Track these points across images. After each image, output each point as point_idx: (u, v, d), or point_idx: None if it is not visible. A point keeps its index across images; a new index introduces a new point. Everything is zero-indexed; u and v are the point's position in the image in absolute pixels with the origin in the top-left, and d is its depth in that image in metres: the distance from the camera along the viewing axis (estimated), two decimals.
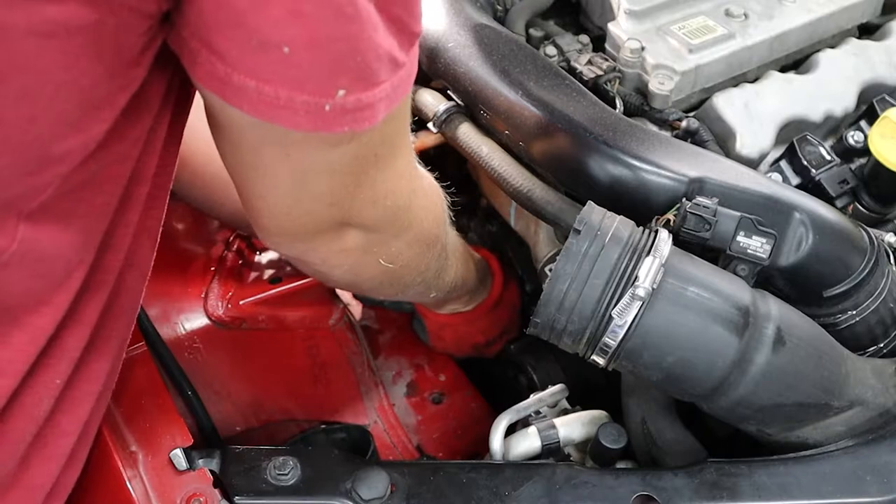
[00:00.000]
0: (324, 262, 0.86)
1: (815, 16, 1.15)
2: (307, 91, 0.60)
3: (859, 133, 1.09)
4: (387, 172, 0.77)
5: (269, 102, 0.60)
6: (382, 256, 0.86)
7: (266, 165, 0.71)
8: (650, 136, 0.95)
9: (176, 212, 1.27)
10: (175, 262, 1.26)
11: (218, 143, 0.73)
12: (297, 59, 0.58)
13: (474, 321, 1.23)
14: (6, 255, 0.63)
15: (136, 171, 0.69)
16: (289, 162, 0.70)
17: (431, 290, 1.04)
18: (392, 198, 0.80)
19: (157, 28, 0.60)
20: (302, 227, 0.79)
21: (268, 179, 0.73)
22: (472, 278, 1.17)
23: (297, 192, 0.74)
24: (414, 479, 0.84)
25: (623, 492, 0.82)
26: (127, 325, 0.80)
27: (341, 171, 0.73)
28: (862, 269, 0.90)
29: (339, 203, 0.76)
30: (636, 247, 0.80)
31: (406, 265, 0.91)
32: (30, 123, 0.58)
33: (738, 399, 0.81)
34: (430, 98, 1.16)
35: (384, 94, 0.64)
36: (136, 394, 0.91)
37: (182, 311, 1.18)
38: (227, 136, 0.71)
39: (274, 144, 0.68)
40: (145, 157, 0.69)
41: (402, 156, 0.80)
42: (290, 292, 1.28)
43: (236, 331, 1.19)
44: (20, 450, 0.72)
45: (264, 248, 1.29)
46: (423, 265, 0.95)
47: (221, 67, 0.59)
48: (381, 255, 0.86)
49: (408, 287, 0.98)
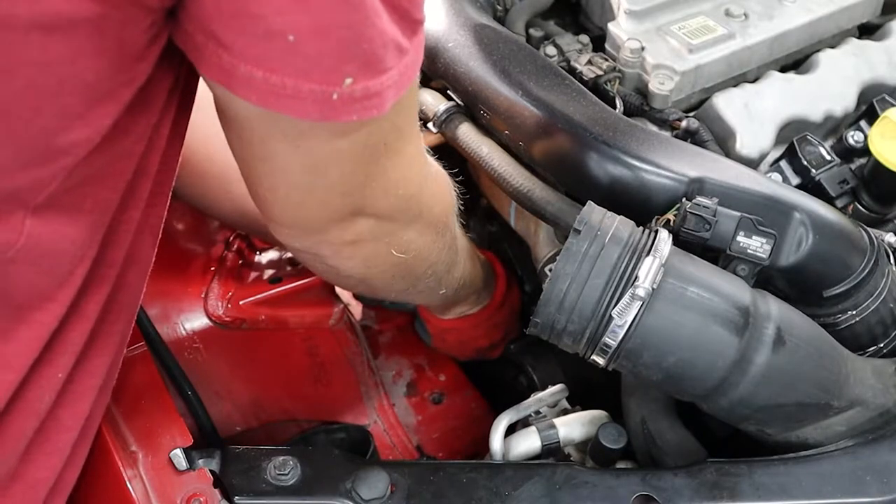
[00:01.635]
0: (336, 253, 0.85)
1: (815, 16, 1.15)
2: (314, 80, 0.60)
3: (859, 133, 1.09)
4: (397, 161, 0.77)
5: (276, 92, 0.60)
6: (394, 246, 0.86)
7: (276, 157, 0.71)
8: (650, 136, 0.95)
9: (176, 211, 1.27)
10: (175, 262, 1.26)
11: (228, 136, 0.73)
12: (302, 47, 0.58)
13: (478, 325, 1.23)
14: (13, 251, 0.63)
15: (139, 167, 0.69)
16: (298, 153, 0.70)
17: (441, 285, 1.03)
18: (403, 186, 0.80)
19: (162, 24, 0.60)
20: (314, 218, 0.79)
21: (278, 171, 0.73)
22: (479, 277, 1.16)
23: (308, 183, 0.74)
24: (414, 479, 0.84)
25: (623, 492, 0.82)
26: (127, 321, 0.80)
27: (352, 161, 0.73)
28: (862, 269, 0.90)
29: (350, 193, 0.76)
30: (636, 247, 0.80)
31: (418, 255, 0.90)
32: (35, 115, 0.58)
33: (738, 399, 0.81)
34: (430, 98, 1.16)
35: (392, 82, 0.64)
36: (136, 394, 0.91)
37: (182, 311, 1.18)
38: (236, 130, 0.71)
39: (283, 135, 0.68)
40: (149, 153, 0.69)
41: (412, 144, 0.80)
42: (290, 292, 1.28)
43: (236, 331, 1.19)
44: (23, 444, 0.73)
45: (264, 248, 1.29)
46: (435, 255, 0.94)
47: (227, 58, 0.59)
48: (393, 244, 0.86)
49: (419, 280, 0.97)
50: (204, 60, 0.61)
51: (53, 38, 0.55)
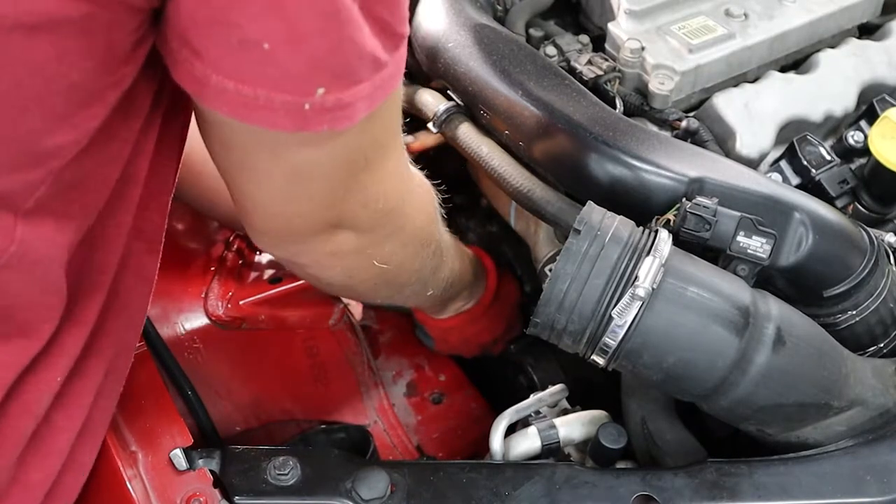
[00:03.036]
0: (316, 263, 0.85)
1: (815, 16, 1.15)
2: (287, 90, 0.59)
3: (859, 133, 1.09)
4: (377, 174, 0.76)
5: (247, 104, 0.59)
6: (376, 258, 0.85)
7: (255, 166, 0.71)
8: (650, 136, 0.95)
9: (176, 212, 1.27)
10: (175, 262, 1.26)
11: (206, 142, 0.72)
12: (276, 57, 0.58)
13: (476, 319, 1.23)
14: (5, 257, 0.63)
15: (126, 172, 0.69)
16: (277, 163, 0.70)
17: (428, 287, 1.03)
18: (384, 200, 0.80)
19: (148, 26, 0.60)
20: (293, 229, 0.78)
21: (257, 180, 0.73)
22: (468, 272, 1.16)
23: (287, 194, 0.74)
24: (414, 479, 0.84)
25: (623, 492, 0.82)
26: (127, 327, 0.80)
27: (330, 174, 0.72)
28: (862, 269, 0.90)
29: (330, 205, 0.75)
30: (636, 247, 0.80)
31: (401, 265, 0.90)
32: (21, 116, 0.58)
33: (738, 399, 0.81)
34: (430, 98, 1.16)
35: (365, 94, 0.63)
36: (136, 394, 0.91)
37: (182, 311, 1.18)
38: (215, 136, 0.70)
39: (261, 145, 0.68)
40: (136, 158, 0.69)
41: (393, 158, 0.79)
42: (290, 292, 1.28)
43: (236, 331, 1.19)
44: (20, 447, 0.72)
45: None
46: (418, 263, 0.94)
47: (200, 67, 0.59)
48: (375, 256, 0.85)
49: (404, 287, 0.97)
50: (178, 66, 0.60)
51: (39, 38, 0.54)
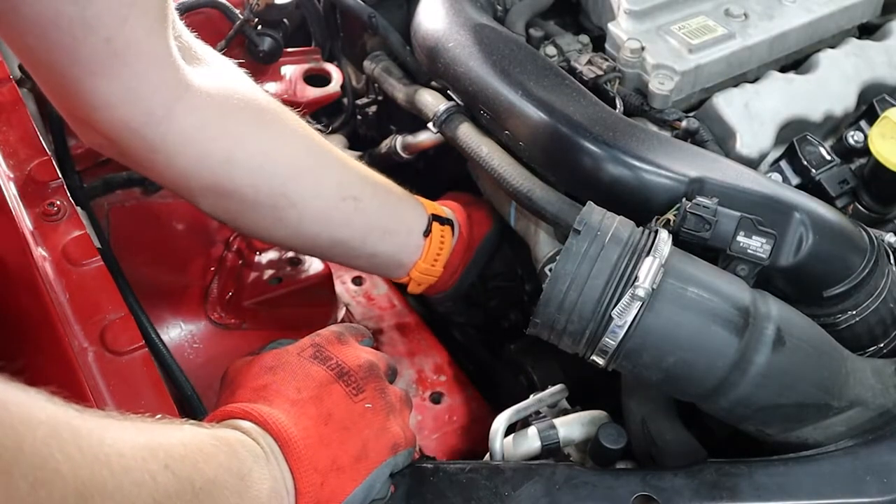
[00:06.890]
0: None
1: (815, 16, 1.15)
2: None
3: (859, 133, 1.09)
4: None
5: None
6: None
7: None
8: (650, 136, 0.95)
9: (176, 212, 1.28)
10: (175, 262, 1.26)
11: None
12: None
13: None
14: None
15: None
16: None
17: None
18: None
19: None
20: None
21: None
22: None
23: None
24: (414, 479, 0.84)
25: (623, 492, 0.81)
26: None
27: None
28: (862, 269, 0.90)
29: None
30: (636, 247, 0.80)
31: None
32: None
33: (737, 399, 0.81)
34: (430, 98, 1.16)
35: None
36: (136, 394, 0.91)
37: (182, 311, 1.18)
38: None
39: None
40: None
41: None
42: (290, 292, 1.28)
43: (236, 331, 1.19)
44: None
45: (264, 249, 1.29)
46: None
47: None
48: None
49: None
50: None
51: None
